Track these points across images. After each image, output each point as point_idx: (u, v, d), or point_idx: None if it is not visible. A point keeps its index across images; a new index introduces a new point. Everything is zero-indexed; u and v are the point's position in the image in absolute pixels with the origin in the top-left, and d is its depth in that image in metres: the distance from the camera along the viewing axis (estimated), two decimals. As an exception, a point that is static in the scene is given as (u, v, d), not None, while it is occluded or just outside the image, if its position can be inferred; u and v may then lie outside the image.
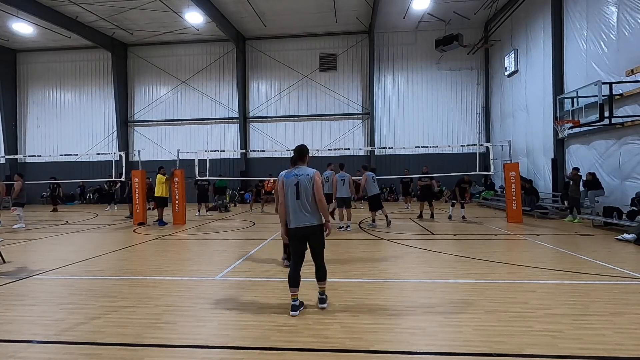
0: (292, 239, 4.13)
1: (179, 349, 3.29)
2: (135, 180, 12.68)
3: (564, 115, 12.27)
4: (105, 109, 24.68)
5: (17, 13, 18.36)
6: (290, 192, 4.06)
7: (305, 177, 4.06)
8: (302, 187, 4.03)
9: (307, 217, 4.02)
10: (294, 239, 4.11)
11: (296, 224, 4.05)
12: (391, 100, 23.09)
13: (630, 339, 3.31)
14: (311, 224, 4.03)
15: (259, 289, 4.97)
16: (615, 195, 11.26)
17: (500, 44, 20.11)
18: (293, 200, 4.04)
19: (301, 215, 4.02)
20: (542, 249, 7.42)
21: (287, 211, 4.09)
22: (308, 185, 4.04)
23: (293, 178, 4.08)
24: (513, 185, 11.85)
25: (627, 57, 10.76)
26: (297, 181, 4.05)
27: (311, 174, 4.09)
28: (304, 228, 4.03)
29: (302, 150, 4.24)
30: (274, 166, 22.50)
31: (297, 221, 4.04)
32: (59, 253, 7.71)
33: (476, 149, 18.46)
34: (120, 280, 5.48)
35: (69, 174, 22.07)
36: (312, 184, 4.04)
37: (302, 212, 4.02)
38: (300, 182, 4.04)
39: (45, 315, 4.09)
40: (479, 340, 3.31)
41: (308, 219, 4.02)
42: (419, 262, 6.44)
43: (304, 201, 4.02)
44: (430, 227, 10.74)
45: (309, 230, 4.04)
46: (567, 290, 4.74)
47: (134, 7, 18.85)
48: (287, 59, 23.56)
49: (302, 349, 3.21)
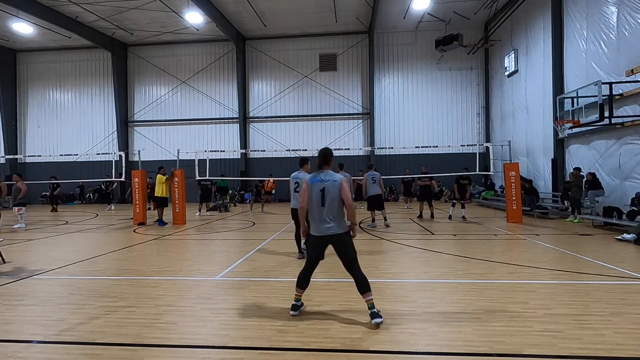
0: (312, 246, 3.98)
1: (179, 349, 3.28)
2: (135, 180, 12.69)
3: (564, 115, 12.27)
4: (105, 109, 24.69)
5: (17, 13, 18.37)
6: (315, 198, 3.86)
7: (332, 182, 3.85)
8: (327, 194, 3.82)
9: (332, 225, 3.81)
10: (315, 246, 3.94)
11: (319, 232, 3.86)
12: (391, 100, 23.09)
13: (630, 339, 3.31)
14: (337, 232, 3.81)
15: (259, 289, 4.97)
16: (615, 195, 11.26)
17: (500, 44, 20.11)
18: (318, 206, 3.85)
19: (325, 223, 3.82)
20: (542, 249, 7.42)
21: (311, 216, 3.93)
22: (334, 191, 3.83)
23: (319, 183, 3.87)
24: (513, 185, 11.85)
25: (627, 57, 10.76)
26: (323, 187, 3.84)
27: (338, 179, 3.88)
28: (328, 237, 3.84)
29: (326, 154, 4.00)
30: (274, 166, 22.59)
31: (320, 229, 3.84)
32: (59, 253, 7.71)
33: (476, 149, 18.47)
34: (120, 280, 5.48)
35: (69, 174, 22.07)
36: (339, 191, 3.84)
37: (326, 219, 3.81)
38: (327, 187, 3.84)
39: (45, 315, 4.09)
40: (479, 340, 3.31)
41: (332, 227, 3.81)
42: (419, 262, 6.44)
43: (329, 208, 3.81)
44: (430, 227, 10.74)
45: (334, 239, 3.83)
46: (567, 290, 4.74)
47: (134, 7, 18.85)
48: (287, 59, 23.56)
49: (302, 349, 3.21)
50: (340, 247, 3.84)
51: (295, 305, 3.98)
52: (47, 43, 23.69)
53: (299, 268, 6.04)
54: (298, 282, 4.00)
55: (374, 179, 10.70)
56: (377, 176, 10.83)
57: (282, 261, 6.60)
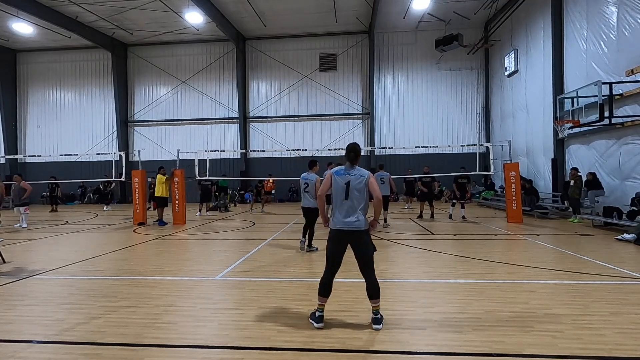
0: (332, 241, 3.73)
1: (179, 349, 3.28)
2: (135, 180, 12.69)
3: (564, 115, 12.28)
4: (105, 109, 24.69)
5: (17, 13, 18.36)
6: (339, 191, 3.72)
7: (357, 177, 3.70)
8: (352, 188, 3.69)
9: (353, 220, 3.65)
10: (335, 241, 3.71)
11: (338, 226, 3.69)
12: (391, 100, 23.09)
13: (630, 339, 3.31)
14: (357, 228, 3.64)
15: (259, 289, 4.97)
16: (615, 195, 11.26)
17: (500, 44, 20.11)
18: (340, 200, 3.70)
19: (346, 218, 3.66)
20: (542, 249, 7.42)
21: (333, 209, 3.78)
22: (360, 187, 3.69)
23: (344, 176, 3.73)
24: (513, 185, 11.86)
25: (627, 57, 10.76)
26: (348, 180, 3.70)
27: (365, 175, 3.72)
28: (348, 232, 3.66)
29: (357, 150, 3.83)
30: (274, 166, 22.58)
31: (340, 223, 3.68)
32: (59, 253, 7.71)
33: (476, 149, 18.47)
34: (120, 280, 5.48)
35: (69, 174, 22.06)
36: (366, 186, 3.70)
37: (348, 213, 3.67)
38: (352, 181, 3.69)
39: (45, 315, 4.09)
40: (479, 340, 3.31)
41: (353, 223, 3.65)
42: (419, 262, 6.44)
43: (352, 203, 3.68)
44: (430, 227, 10.74)
45: (354, 235, 3.65)
46: (567, 290, 4.74)
47: (134, 7, 18.85)
48: (287, 59, 23.56)
49: (302, 349, 3.21)
50: (358, 246, 3.66)
51: (321, 317, 3.65)
52: (47, 43, 23.69)
53: (299, 268, 6.06)
54: (320, 289, 3.71)
55: (382, 180, 10.76)
56: (387, 177, 10.89)
57: (282, 261, 6.60)
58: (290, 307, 4.20)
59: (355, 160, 3.82)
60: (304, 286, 5.03)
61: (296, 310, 4.10)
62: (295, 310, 4.12)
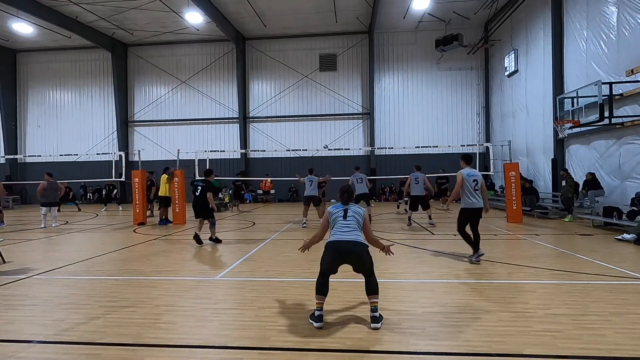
0: (328, 252, 3.77)
1: (179, 349, 3.28)
2: (135, 180, 12.71)
3: (564, 115, 12.27)
4: (105, 109, 24.69)
5: (17, 13, 18.37)
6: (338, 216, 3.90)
7: (356, 209, 3.95)
8: (350, 212, 3.89)
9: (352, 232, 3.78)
10: (331, 252, 3.75)
11: (335, 238, 3.77)
12: (391, 100, 23.09)
13: (630, 339, 3.31)
14: (356, 241, 3.73)
15: (259, 289, 4.97)
16: (615, 195, 11.26)
17: (500, 44, 20.10)
18: (340, 221, 3.87)
19: (345, 232, 3.77)
20: (542, 249, 7.42)
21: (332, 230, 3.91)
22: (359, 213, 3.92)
23: (342, 207, 3.95)
24: (513, 185, 11.85)
25: (627, 57, 10.76)
26: (347, 208, 3.92)
27: (362, 212, 3.95)
28: (346, 242, 3.71)
29: (350, 192, 4.08)
30: (274, 166, 22.59)
31: (337, 235, 3.78)
32: (59, 253, 7.71)
33: (476, 149, 18.47)
34: (120, 280, 5.48)
35: (69, 174, 22.06)
36: (362, 218, 3.91)
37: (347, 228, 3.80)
38: (349, 209, 3.91)
39: (45, 315, 4.09)
40: (479, 340, 3.31)
41: (353, 235, 3.76)
42: (419, 262, 6.44)
43: (351, 221, 3.84)
44: (430, 227, 10.74)
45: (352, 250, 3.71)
46: (567, 290, 4.74)
47: (134, 7, 18.85)
48: (287, 59, 23.56)
49: (302, 349, 3.21)
50: (357, 261, 3.75)
51: (321, 316, 3.65)
52: (47, 43, 23.68)
53: (299, 268, 6.06)
54: (317, 288, 3.73)
55: (417, 180, 11.04)
56: (421, 177, 11.07)
57: (282, 261, 6.60)
58: (290, 307, 4.20)
59: (348, 201, 4.00)
60: (304, 286, 5.02)
61: (296, 310, 4.10)
62: (295, 310, 4.12)
